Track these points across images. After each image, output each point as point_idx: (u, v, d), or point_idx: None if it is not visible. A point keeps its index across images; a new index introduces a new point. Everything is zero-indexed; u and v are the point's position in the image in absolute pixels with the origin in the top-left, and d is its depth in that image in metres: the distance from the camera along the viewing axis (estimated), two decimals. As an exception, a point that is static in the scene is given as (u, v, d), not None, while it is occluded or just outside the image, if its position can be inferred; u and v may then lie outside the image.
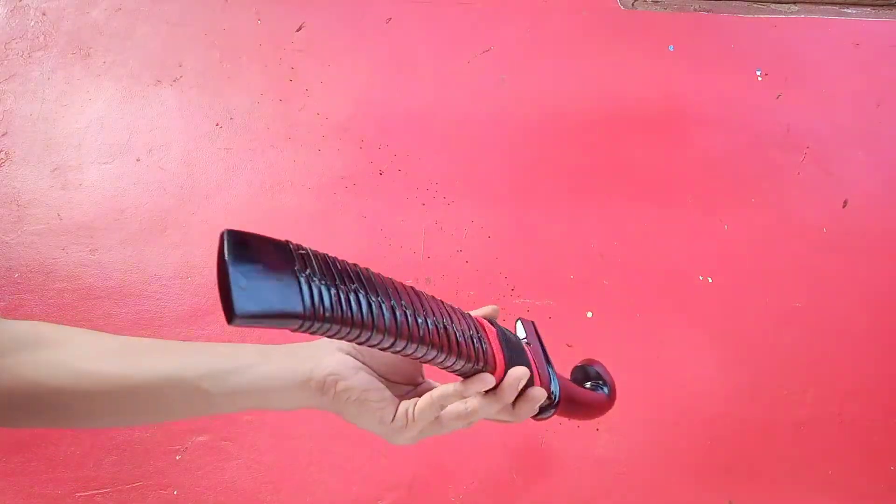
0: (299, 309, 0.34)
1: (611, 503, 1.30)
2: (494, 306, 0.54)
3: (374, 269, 0.42)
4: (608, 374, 0.66)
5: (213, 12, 1.49)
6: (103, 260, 1.33)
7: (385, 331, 0.39)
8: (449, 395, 0.49)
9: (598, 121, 1.48)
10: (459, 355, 0.45)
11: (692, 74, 1.52)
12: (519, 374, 0.48)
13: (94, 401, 0.47)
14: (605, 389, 0.65)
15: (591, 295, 1.36)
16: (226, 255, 0.33)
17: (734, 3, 1.44)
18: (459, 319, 0.46)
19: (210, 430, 1.25)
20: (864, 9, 1.55)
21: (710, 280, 1.39)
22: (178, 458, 1.24)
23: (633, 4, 1.29)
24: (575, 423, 1.32)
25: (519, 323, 0.58)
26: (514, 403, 0.51)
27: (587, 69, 1.51)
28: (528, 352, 0.53)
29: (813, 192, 1.48)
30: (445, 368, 0.46)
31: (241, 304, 0.32)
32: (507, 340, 0.50)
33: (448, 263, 1.37)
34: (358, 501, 1.24)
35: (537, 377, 0.52)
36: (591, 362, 0.67)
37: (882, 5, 1.52)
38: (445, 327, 0.44)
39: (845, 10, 1.54)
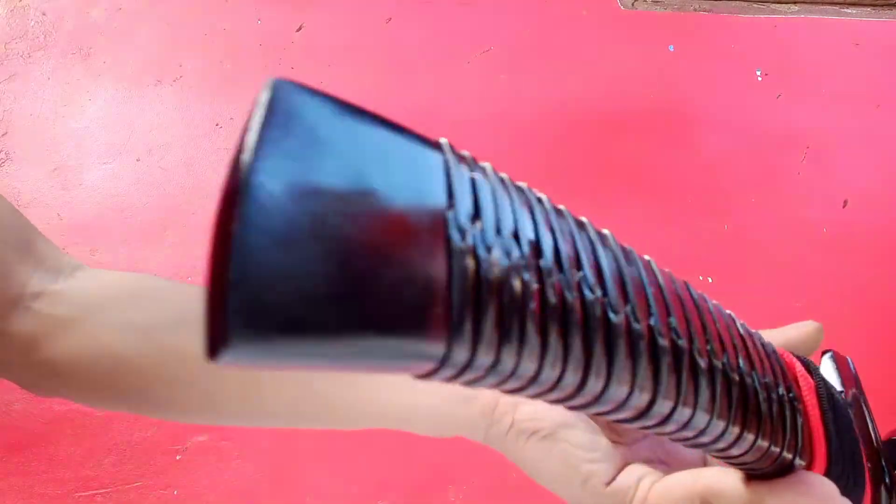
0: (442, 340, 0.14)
1: (611, 503, 1.30)
2: (814, 324, 0.32)
3: None
4: None
5: (213, 12, 1.49)
6: (103, 260, 1.33)
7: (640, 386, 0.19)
8: (728, 497, 0.26)
9: (599, 121, 1.48)
10: (759, 433, 0.22)
11: (692, 74, 1.52)
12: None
13: (173, 385, 0.35)
14: None
15: (591, 295, 1.36)
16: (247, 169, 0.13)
17: (734, 3, 1.44)
18: (757, 355, 0.23)
19: (210, 429, 1.25)
20: (864, 9, 1.55)
21: (711, 280, 1.39)
22: (178, 458, 1.23)
23: (633, 4, 1.28)
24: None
25: (827, 359, 0.34)
26: None
27: (587, 69, 1.51)
28: (855, 427, 0.29)
29: (813, 192, 1.48)
30: (717, 454, 0.23)
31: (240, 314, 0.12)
32: (833, 405, 0.26)
33: (448, 263, 1.37)
34: (358, 501, 1.24)
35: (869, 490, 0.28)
36: None
37: (882, 5, 1.52)
38: (740, 377, 0.22)
39: (845, 10, 1.54)
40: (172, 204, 1.38)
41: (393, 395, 0.33)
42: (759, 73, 1.53)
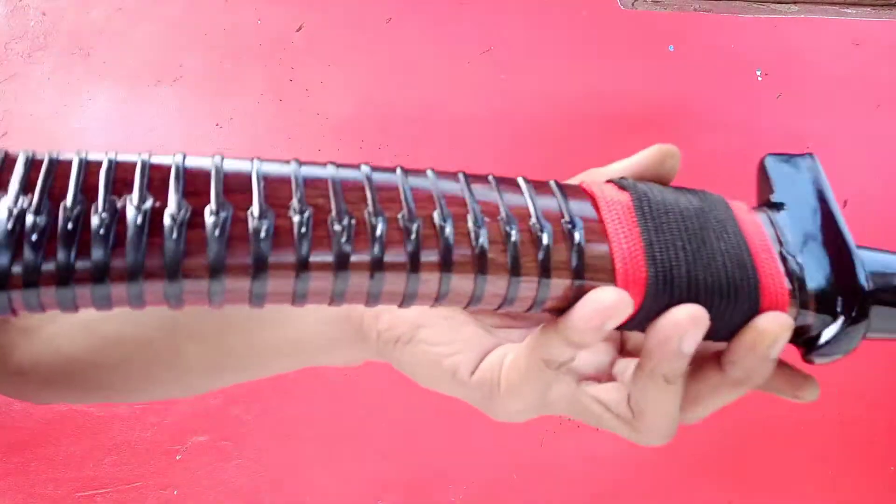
0: None
1: (611, 503, 1.30)
2: (655, 149, 0.30)
3: None
4: None
5: (213, 12, 1.49)
6: (103, 260, 1.33)
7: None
8: (541, 343, 0.26)
9: (598, 121, 1.48)
10: (472, 267, 0.22)
11: (692, 74, 1.52)
12: (682, 316, 0.23)
13: (114, 369, 0.37)
14: None
15: (591, 295, 1.36)
16: None
17: (734, 3, 1.44)
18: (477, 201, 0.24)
19: (210, 430, 1.25)
20: (864, 9, 1.55)
21: (710, 280, 1.39)
22: (178, 458, 1.23)
23: (633, 4, 1.28)
24: (575, 422, 1.32)
25: (770, 162, 0.31)
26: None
27: (587, 69, 1.51)
28: (750, 230, 0.27)
29: (813, 192, 1.48)
30: (503, 308, 0.24)
31: None
32: (659, 217, 0.26)
33: (448, 263, 1.37)
34: (358, 501, 1.24)
35: (770, 275, 0.26)
36: None
37: (882, 5, 1.52)
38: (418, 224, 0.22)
39: (845, 10, 1.54)
40: (172, 204, 1.38)
41: (287, 332, 0.34)
42: (759, 73, 1.53)
